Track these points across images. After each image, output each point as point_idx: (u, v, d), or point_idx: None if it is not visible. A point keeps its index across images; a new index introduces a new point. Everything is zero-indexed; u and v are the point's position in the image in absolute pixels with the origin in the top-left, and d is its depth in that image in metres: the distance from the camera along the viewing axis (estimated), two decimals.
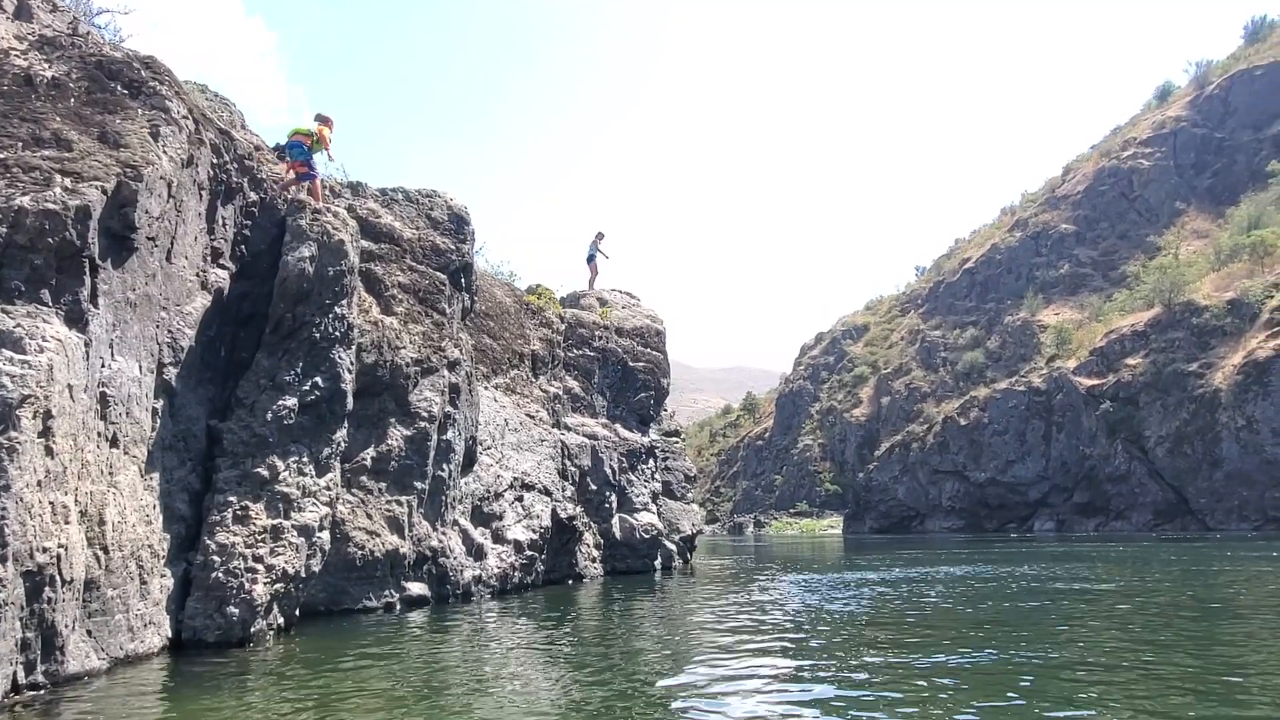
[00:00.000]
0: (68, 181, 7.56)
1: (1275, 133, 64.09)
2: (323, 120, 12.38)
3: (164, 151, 8.78)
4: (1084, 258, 70.10)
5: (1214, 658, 7.45)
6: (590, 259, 24.45)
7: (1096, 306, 61.25)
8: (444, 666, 7.66)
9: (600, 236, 24.53)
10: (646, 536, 19.54)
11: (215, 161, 10.15)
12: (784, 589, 15.02)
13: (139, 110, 8.89)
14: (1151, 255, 61.11)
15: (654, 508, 20.89)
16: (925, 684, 6.47)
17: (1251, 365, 42.04)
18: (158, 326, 8.87)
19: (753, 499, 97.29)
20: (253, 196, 11.03)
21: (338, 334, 10.77)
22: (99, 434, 7.63)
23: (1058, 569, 18.08)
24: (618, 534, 19.13)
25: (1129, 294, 57.76)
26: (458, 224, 14.96)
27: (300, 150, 11.87)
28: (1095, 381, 51.19)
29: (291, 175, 11.92)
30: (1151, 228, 66.90)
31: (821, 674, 7.04)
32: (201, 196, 9.87)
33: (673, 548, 21.12)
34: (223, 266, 10.42)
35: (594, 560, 18.57)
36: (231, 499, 9.42)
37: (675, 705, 6.01)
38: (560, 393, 19.38)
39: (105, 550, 7.46)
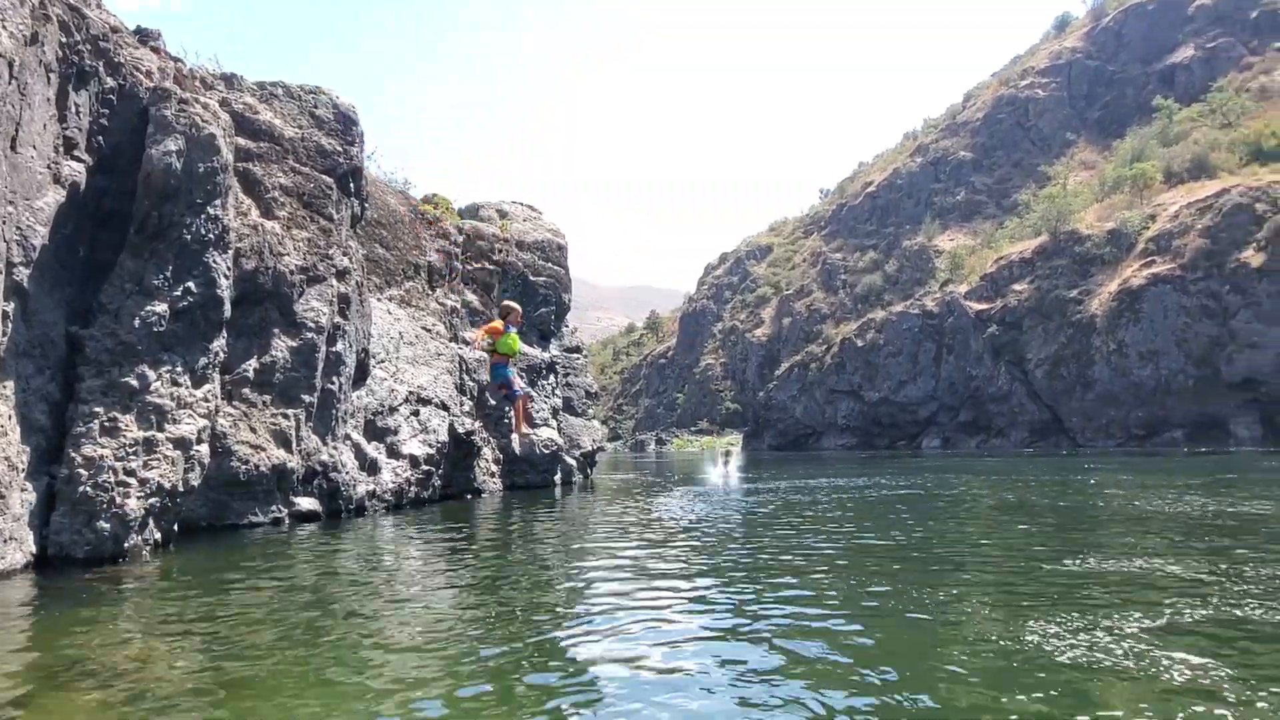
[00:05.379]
0: None
1: (1162, 67, 66.63)
2: None
3: (3, 27, 7.85)
4: (980, 185, 72.34)
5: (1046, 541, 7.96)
6: None
7: (989, 233, 63.59)
8: (332, 579, 7.48)
9: None
10: (546, 452, 19.55)
11: (65, 41, 9.17)
12: (679, 501, 15.31)
13: None
14: (1042, 185, 63.48)
15: (554, 423, 20.89)
16: (820, 571, 6.69)
17: (1125, 292, 44.57)
18: (4, 223, 8.08)
19: (655, 417, 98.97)
20: (110, 83, 10.06)
21: (211, 236, 10.09)
22: None
23: (941, 478, 19.05)
24: (517, 449, 19.06)
25: (1019, 222, 60.13)
26: (345, 124, 14.10)
27: None
28: (984, 306, 53.45)
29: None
30: (1044, 157, 69.32)
31: (706, 572, 7.20)
32: (50, 80, 8.93)
33: (573, 463, 21.22)
34: (78, 159, 9.53)
35: (493, 475, 18.50)
36: (98, 410, 8.84)
37: (571, 612, 6.02)
38: (458, 306, 18.91)
39: None
